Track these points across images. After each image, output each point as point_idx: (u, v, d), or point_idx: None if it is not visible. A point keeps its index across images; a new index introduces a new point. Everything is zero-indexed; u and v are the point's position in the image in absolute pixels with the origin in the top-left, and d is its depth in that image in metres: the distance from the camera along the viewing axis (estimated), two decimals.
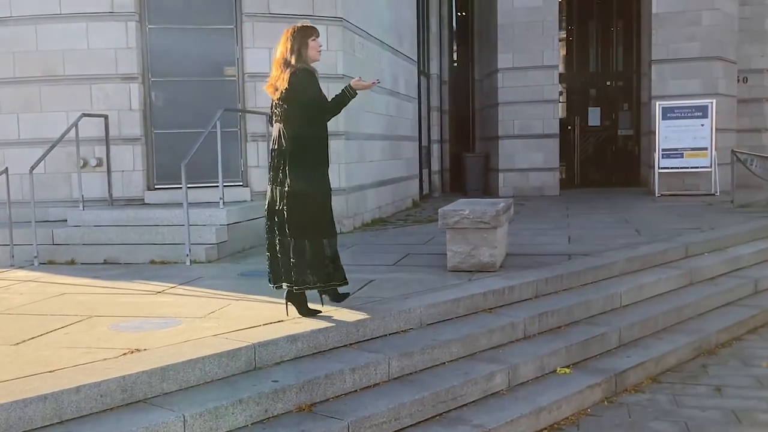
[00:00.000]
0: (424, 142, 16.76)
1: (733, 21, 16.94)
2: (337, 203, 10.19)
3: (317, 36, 5.36)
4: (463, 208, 7.18)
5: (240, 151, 10.00)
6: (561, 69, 19.22)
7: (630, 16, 18.77)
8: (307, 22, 5.54)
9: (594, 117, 18.99)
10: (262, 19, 9.86)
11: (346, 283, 5.59)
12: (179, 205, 8.89)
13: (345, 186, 10.50)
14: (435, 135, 17.56)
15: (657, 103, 15.89)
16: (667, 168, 15.83)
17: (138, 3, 9.58)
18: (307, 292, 5.42)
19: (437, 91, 17.69)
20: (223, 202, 8.73)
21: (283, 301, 5.45)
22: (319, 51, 5.35)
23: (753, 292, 8.33)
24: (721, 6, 16.24)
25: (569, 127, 19.11)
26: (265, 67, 9.70)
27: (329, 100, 5.39)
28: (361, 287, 6.49)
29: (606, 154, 19.38)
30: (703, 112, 15.67)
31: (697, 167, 15.76)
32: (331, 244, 5.46)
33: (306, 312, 5.37)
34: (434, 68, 17.48)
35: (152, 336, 4.90)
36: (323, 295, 5.56)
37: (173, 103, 9.82)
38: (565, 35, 19.83)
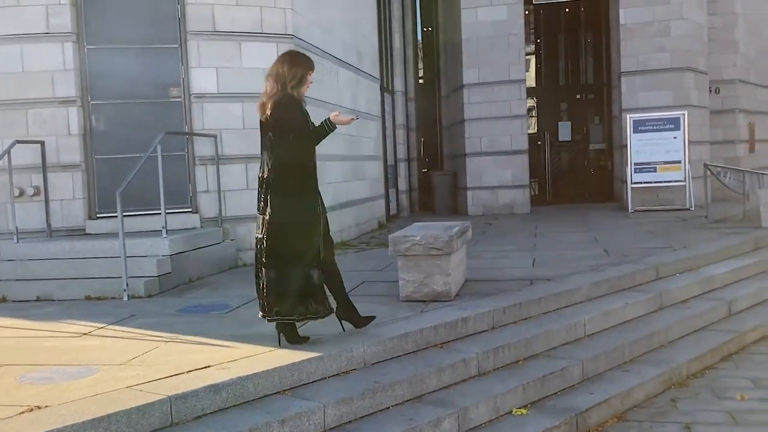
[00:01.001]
0: (390, 161, 16.42)
1: (703, 31, 16.80)
2: None
3: (313, 70, 5.41)
4: (414, 233, 6.81)
5: (188, 175, 9.58)
6: (529, 83, 19.05)
7: (599, 27, 18.60)
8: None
9: (564, 131, 18.77)
10: (208, 38, 9.49)
11: (329, 313, 5.40)
12: (126, 234, 8.51)
13: None
14: (402, 153, 17.24)
15: (628, 116, 15.68)
16: (640, 183, 15.60)
17: (75, 23, 9.17)
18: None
19: (403, 109, 17.39)
20: (166, 231, 8.29)
21: (220, 341, 5.23)
22: (308, 87, 5.41)
23: (727, 314, 8.02)
24: (689, 16, 16.09)
25: (539, 143, 18.86)
26: (212, 87, 9.48)
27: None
28: (304, 323, 6.07)
29: (578, 170, 19.15)
30: (675, 124, 15.48)
31: (671, 181, 15.55)
32: (313, 274, 5.27)
33: (295, 340, 5.27)
34: (399, 85, 17.17)
35: (59, 389, 4.46)
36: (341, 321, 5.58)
37: (115, 126, 9.39)
38: (533, 49, 19.66)
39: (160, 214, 8.91)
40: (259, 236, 5.24)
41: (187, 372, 4.71)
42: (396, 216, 16.66)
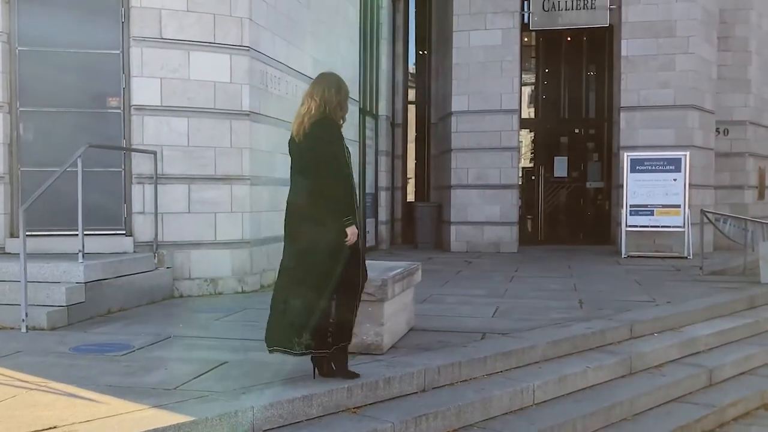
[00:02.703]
0: (370, 189, 15.74)
1: (711, 67, 16.14)
2: (239, 258, 9.21)
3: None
4: None
5: (123, 194, 8.91)
6: (527, 114, 18.41)
7: (602, 58, 17.97)
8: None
9: (561, 167, 18.05)
10: (154, 45, 8.86)
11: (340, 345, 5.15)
12: (44, 256, 7.89)
13: (249, 238, 9.43)
14: (384, 182, 16.56)
15: (625, 153, 15.02)
16: (636, 226, 14.90)
17: (7, 20, 8.56)
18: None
19: (387, 134, 16.74)
20: (83, 255, 7.57)
21: (91, 393, 4.75)
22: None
23: (706, 384, 7.25)
24: (697, 50, 15.44)
25: (533, 178, 18.17)
26: (155, 99, 8.81)
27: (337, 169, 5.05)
28: (204, 372, 5.38)
29: (573, 209, 18.42)
30: (675, 165, 14.80)
31: (669, 226, 14.84)
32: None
33: (348, 374, 5.19)
34: (384, 109, 16.53)
35: None
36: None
37: (46, 137, 8.74)
38: (534, 79, 19.02)
39: (90, 234, 8.33)
40: (290, 265, 5.09)
41: None
42: (373, 248, 15.94)
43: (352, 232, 5.01)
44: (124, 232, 8.89)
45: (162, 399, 4.69)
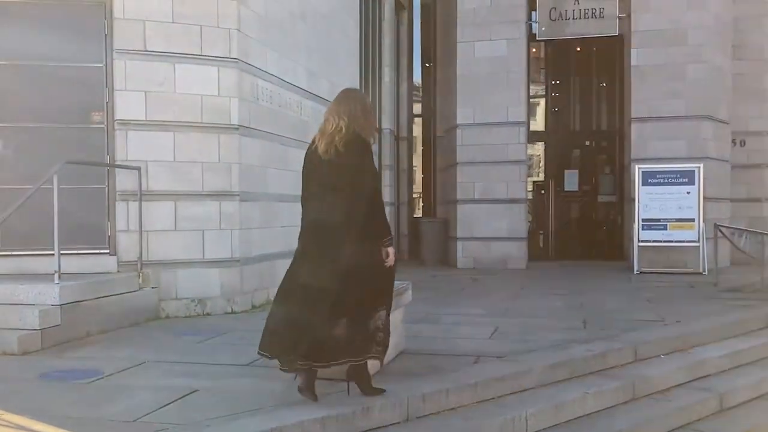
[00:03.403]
0: None
1: (725, 76, 15.77)
2: (229, 277, 8.95)
3: None
4: None
5: (107, 212, 8.66)
6: (537, 127, 18.11)
7: (613, 68, 17.62)
8: None
9: (571, 181, 17.68)
10: (137, 57, 8.63)
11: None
12: (20, 276, 7.71)
13: (239, 256, 9.15)
14: (388, 197, 16.26)
15: (636, 166, 14.64)
16: (648, 241, 14.50)
17: None
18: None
19: (391, 148, 16.47)
20: (59, 276, 7.31)
21: (43, 427, 4.54)
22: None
23: (717, 410, 6.85)
24: (709, 59, 15.09)
25: (543, 192, 17.82)
26: (140, 113, 8.58)
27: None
28: (171, 402, 5.10)
29: (585, 224, 18.03)
30: (689, 177, 14.41)
31: (683, 241, 14.43)
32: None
33: (371, 390, 5.20)
34: (387, 123, 16.27)
35: None
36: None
37: (25, 154, 8.52)
38: (544, 91, 18.71)
39: (74, 253, 8.16)
40: (327, 285, 4.93)
41: None
42: None
43: (392, 252, 5.08)
44: (107, 251, 8.64)
45: None
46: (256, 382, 5.72)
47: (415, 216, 17.92)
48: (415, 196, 18.95)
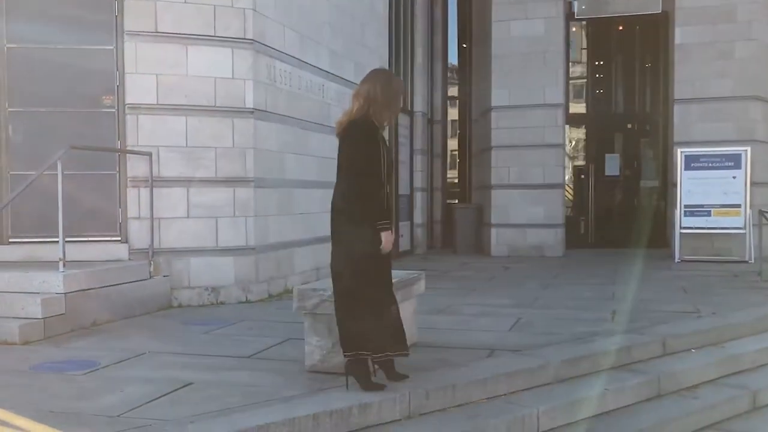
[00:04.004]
0: (404, 190, 15.24)
1: None
2: (244, 265, 8.83)
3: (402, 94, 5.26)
4: (326, 286, 5.61)
5: (118, 198, 8.58)
6: (577, 109, 17.67)
7: (657, 47, 17.08)
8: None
9: (612, 165, 17.20)
10: (148, 39, 8.52)
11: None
12: (28, 264, 7.67)
13: (254, 244, 9.01)
14: (420, 182, 16.03)
15: (679, 150, 14.18)
16: (691, 228, 14.07)
17: None
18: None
19: (424, 132, 16.20)
20: (64, 264, 7.23)
21: (19, 421, 4.46)
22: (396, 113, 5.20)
23: (750, 408, 6.48)
24: (759, 36, 14.51)
25: (582, 177, 17.40)
26: (150, 96, 8.48)
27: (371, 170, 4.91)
28: (162, 396, 4.97)
29: (627, 210, 17.54)
30: (735, 161, 13.93)
31: (728, 228, 13.96)
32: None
33: (370, 386, 5.04)
34: (420, 105, 15.99)
35: None
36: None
37: (37, 138, 8.47)
38: (583, 70, 18.25)
39: (83, 241, 8.14)
40: (336, 269, 5.08)
41: None
42: (408, 253, 15.46)
43: (386, 237, 4.92)
44: (119, 238, 8.57)
45: (97, 429, 4.28)
46: (254, 375, 5.56)
47: (448, 202, 17.60)
48: (451, 181, 18.65)
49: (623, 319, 7.87)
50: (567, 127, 16.18)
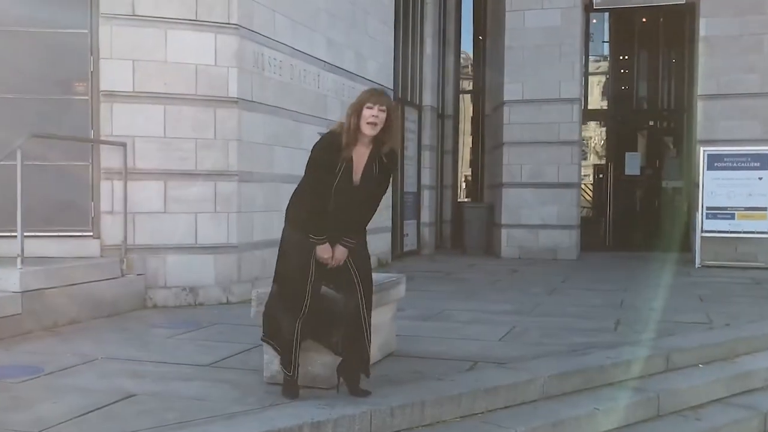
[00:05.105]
0: (411, 188, 14.82)
1: None
2: (225, 264, 8.49)
3: (374, 104, 4.75)
4: None
5: (91, 191, 8.23)
6: (596, 105, 17.16)
7: (682, 40, 16.53)
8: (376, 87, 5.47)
9: (632, 164, 16.70)
10: (125, 23, 8.16)
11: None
12: None
13: (237, 242, 8.64)
14: (428, 179, 15.58)
15: (702, 149, 13.63)
16: (713, 231, 13.51)
17: None
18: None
19: (433, 127, 15.75)
20: (22, 260, 6.88)
21: None
22: (370, 123, 4.72)
23: (759, 431, 6.04)
24: None
25: (600, 176, 16.88)
26: (126, 84, 8.13)
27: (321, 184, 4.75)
28: (91, 411, 4.57)
29: (647, 211, 17.03)
30: (761, 162, 13.39)
31: (754, 232, 13.38)
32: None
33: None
34: (429, 99, 15.52)
35: None
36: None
37: (4, 126, 8.06)
38: (603, 64, 17.74)
39: (52, 236, 7.83)
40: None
41: None
42: (414, 253, 15.02)
43: (321, 250, 4.79)
44: (91, 234, 8.22)
45: None
46: (206, 387, 5.17)
47: (459, 201, 17.15)
48: (463, 179, 18.21)
49: (627, 329, 7.42)
50: (584, 123, 15.65)
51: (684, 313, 8.39)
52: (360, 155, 4.79)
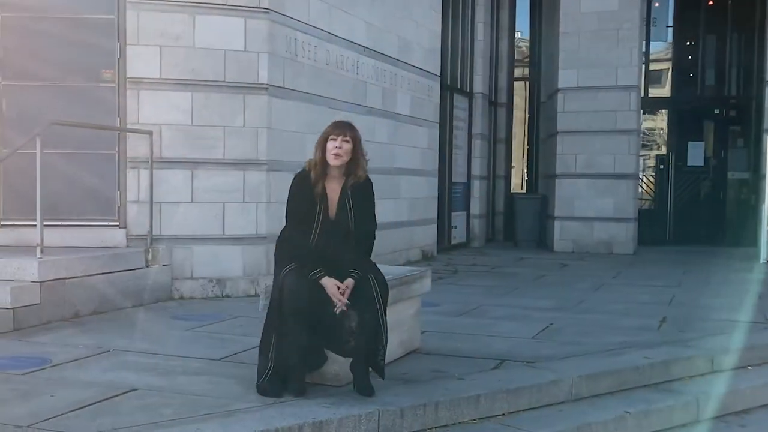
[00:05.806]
0: (460, 178, 14.56)
1: None
2: (252, 255, 8.41)
3: (337, 135, 4.80)
4: None
5: (117, 180, 8.20)
6: (659, 92, 16.65)
7: (752, 24, 15.90)
8: (341, 119, 5.24)
9: (696, 154, 16.16)
10: (152, 8, 8.10)
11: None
12: (16, 249, 7.36)
13: (265, 233, 8.50)
14: (478, 169, 15.30)
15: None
16: None
17: None
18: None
19: (484, 115, 15.45)
20: (41, 249, 6.87)
21: None
22: (334, 154, 4.76)
23: None
24: None
25: (661, 167, 16.37)
26: (154, 70, 8.09)
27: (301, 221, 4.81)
28: (90, 404, 4.47)
29: (711, 203, 16.45)
30: None
31: None
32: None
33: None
34: (480, 86, 15.23)
35: None
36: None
37: (31, 114, 8.08)
38: (666, 49, 17.18)
39: (78, 226, 7.81)
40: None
41: None
42: (463, 245, 14.78)
43: (330, 286, 4.65)
44: (117, 223, 8.19)
45: None
46: (212, 382, 5.05)
47: (512, 192, 16.83)
48: (515, 164, 17.90)
49: (672, 328, 7.11)
50: (644, 111, 15.19)
51: (738, 311, 8.01)
52: (332, 190, 4.80)
